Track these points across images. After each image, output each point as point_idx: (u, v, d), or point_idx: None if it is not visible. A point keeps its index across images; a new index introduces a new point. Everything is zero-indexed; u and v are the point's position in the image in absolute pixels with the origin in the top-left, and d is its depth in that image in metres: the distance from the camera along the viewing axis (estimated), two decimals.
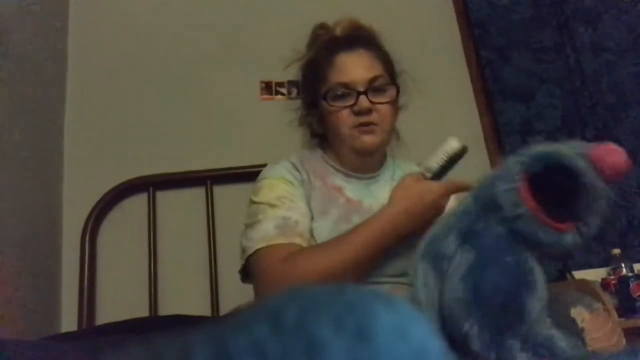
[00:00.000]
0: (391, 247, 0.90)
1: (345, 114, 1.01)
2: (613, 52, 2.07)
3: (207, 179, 1.65)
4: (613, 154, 0.63)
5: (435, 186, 0.92)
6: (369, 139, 1.02)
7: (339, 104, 1.01)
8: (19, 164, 1.39)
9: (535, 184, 0.67)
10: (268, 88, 1.80)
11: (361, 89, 1.00)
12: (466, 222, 0.72)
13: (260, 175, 1.07)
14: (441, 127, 1.74)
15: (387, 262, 0.94)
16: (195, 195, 1.65)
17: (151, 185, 1.63)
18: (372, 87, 1.01)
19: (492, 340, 0.65)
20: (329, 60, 1.03)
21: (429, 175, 0.94)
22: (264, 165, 1.11)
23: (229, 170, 1.65)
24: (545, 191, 0.67)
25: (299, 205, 0.98)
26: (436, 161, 0.93)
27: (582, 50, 2.06)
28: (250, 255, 0.94)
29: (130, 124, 1.73)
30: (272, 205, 0.97)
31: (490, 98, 1.95)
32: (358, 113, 1.00)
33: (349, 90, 1.00)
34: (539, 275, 0.68)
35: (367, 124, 1.01)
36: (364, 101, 0.99)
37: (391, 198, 0.94)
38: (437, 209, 0.91)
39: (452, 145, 0.93)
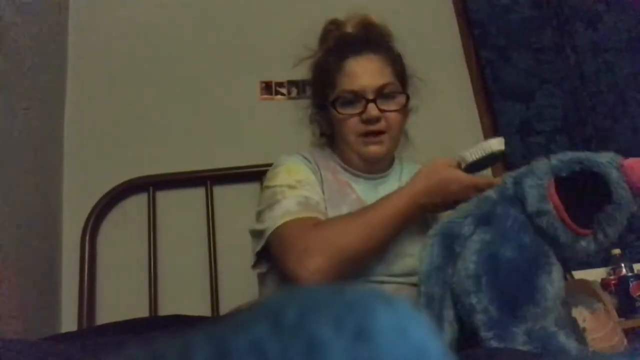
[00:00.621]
0: (407, 225, 0.91)
1: (353, 122, 1.00)
2: (613, 52, 2.07)
3: (207, 179, 1.65)
4: None
5: (464, 177, 0.91)
6: (375, 149, 1.02)
7: (348, 111, 1.00)
8: (19, 164, 1.39)
9: (562, 189, 0.67)
10: (268, 88, 1.80)
11: (370, 96, 0.99)
12: (485, 208, 0.73)
13: (275, 164, 1.06)
14: (441, 128, 1.74)
15: (394, 261, 0.94)
16: (195, 195, 1.65)
17: (151, 185, 1.63)
18: (382, 95, 1.00)
19: (499, 318, 0.65)
20: (338, 65, 1.02)
21: (462, 165, 0.93)
22: (264, 165, 1.12)
23: (229, 170, 1.66)
24: (571, 197, 0.67)
25: (318, 191, 0.99)
26: (473, 154, 0.91)
27: (582, 50, 2.05)
28: (271, 234, 0.91)
29: (130, 124, 1.73)
30: (292, 187, 0.96)
31: (490, 98, 1.95)
32: (366, 121, 0.99)
33: (357, 97, 1.00)
34: (555, 264, 0.69)
35: (375, 134, 1.01)
36: (372, 109, 0.98)
37: (417, 174, 0.94)
38: (458, 199, 0.90)
39: (495, 144, 0.91)
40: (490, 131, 1.85)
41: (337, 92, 1.02)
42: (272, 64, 1.80)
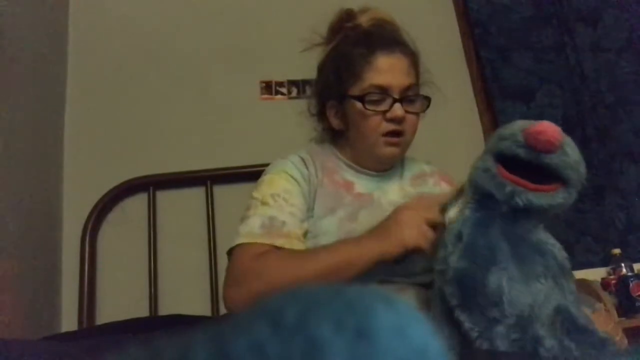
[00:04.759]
0: (369, 267, 0.86)
1: (376, 120, 0.99)
2: (613, 52, 2.07)
3: (207, 179, 1.65)
4: (542, 133, 0.70)
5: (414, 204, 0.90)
6: (391, 151, 1.02)
7: (373, 108, 0.99)
8: (19, 164, 1.38)
9: (510, 166, 0.74)
10: (268, 88, 1.80)
11: (396, 95, 0.98)
12: (459, 225, 0.76)
13: (267, 169, 1.07)
14: (441, 127, 1.74)
15: (395, 260, 0.94)
16: (195, 195, 1.66)
17: (151, 185, 1.63)
18: (406, 96, 1.00)
19: (478, 320, 0.68)
20: (367, 58, 1.00)
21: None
22: (264, 165, 1.11)
23: (229, 170, 1.66)
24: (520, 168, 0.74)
25: (293, 204, 0.98)
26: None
27: (582, 50, 2.05)
28: (233, 248, 0.95)
29: (130, 124, 1.73)
30: (264, 203, 0.97)
31: (490, 98, 1.95)
32: (390, 120, 0.99)
33: (384, 95, 0.99)
34: (505, 253, 0.73)
35: (395, 134, 1.00)
36: (398, 109, 0.98)
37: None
38: (411, 234, 0.85)
39: None
40: (490, 131, 1.85)
41: (364, 86, 0.99)
42: (272, 64, 1.80)
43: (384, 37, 1.04)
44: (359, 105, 0.99)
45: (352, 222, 0.96)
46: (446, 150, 1.71)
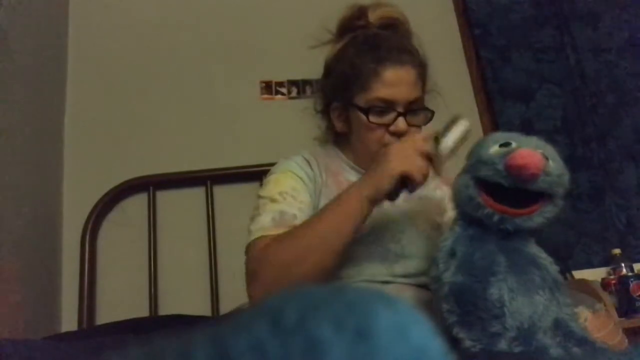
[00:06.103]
0: (365, 216, 0.87)
1: (379, 132, 1.00)
2: (613, 52, 2.07)
3: (207, 179, 1.65)
4: (524, 167, 0.70)
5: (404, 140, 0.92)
6: None
7: (376, 120, 0.99)
8: (19, 164, 1.38)
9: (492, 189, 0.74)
10: (268, 88, 1.80)
11: (401, 109, 0.98)
12: (450, 242, 0.77)
13: (272, 170, 1.07)
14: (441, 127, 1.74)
15: (397, 262, 0.95)
16: (195, 195, 1.66)
17: (151, 185, 1.63)
18: (411, 109, 1.00)
19: (479, 335, 0.68)
20: (375, 70, 0.99)
21: (444, 152, 0.90)
22: (264, 165, 1.11)
23: (229, 170, 1.66)
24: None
25: (301, 200, 0.98)
26: (452, 140, 0.92)
27: (582, 50, 2.05)
28: (246, 248, 0.95)
29: (130, 124, 1.73)
30: (273, 200, 0.97)
31: (490, 98, 1.95)
32: (393, 133, 0.99)
33: (388, 108, 0.98)
34: (503, 265, 0.73)
35: None
36: (401, 123, 0.98)
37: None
38: (398, 165, 0.86)
39: (466, 127, 0.95)
40: (490, 131, 1.85)
41: (369, 98, 0.99)
42: (272, 64, 1.80)
43: (394, 46, 1.02)
44: (363, 116, 1.00)
45: None
46: None
